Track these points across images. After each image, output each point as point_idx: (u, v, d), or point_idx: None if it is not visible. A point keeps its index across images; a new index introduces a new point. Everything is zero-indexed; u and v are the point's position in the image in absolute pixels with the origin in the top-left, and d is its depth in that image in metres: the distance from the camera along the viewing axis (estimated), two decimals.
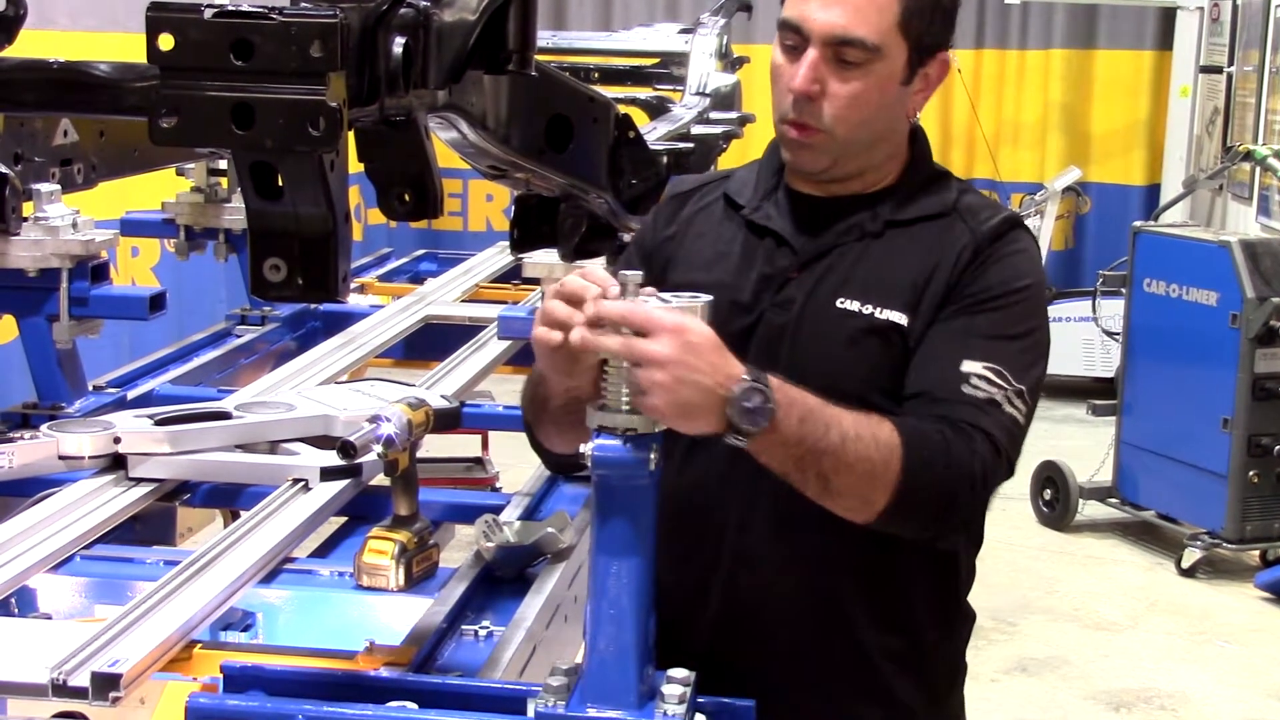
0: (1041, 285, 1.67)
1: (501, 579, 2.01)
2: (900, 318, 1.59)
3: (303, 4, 1.31)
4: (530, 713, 1.36)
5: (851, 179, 1.67)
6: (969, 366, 1.55)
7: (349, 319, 3.43)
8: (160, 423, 2.30)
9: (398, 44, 1.35)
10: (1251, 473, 5.03)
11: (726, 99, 4.52)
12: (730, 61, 4.85)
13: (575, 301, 1.40)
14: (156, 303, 2.74)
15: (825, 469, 1.46)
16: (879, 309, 1.60)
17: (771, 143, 1.73)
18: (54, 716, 1.54)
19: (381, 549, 1.97)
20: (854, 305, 1.60)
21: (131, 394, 2.82)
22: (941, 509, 1.53)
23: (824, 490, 1.48)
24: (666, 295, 1.40)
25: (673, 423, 1.37)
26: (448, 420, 2.09)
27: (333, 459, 2.08)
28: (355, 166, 1.44)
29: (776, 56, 1.62)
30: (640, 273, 1.40)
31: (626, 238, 2.26)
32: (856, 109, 1.59)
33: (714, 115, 4.24)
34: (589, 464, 1.36)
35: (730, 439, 1.41)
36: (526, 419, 1.71)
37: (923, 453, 1.49)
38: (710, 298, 1.40)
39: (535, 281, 3.67)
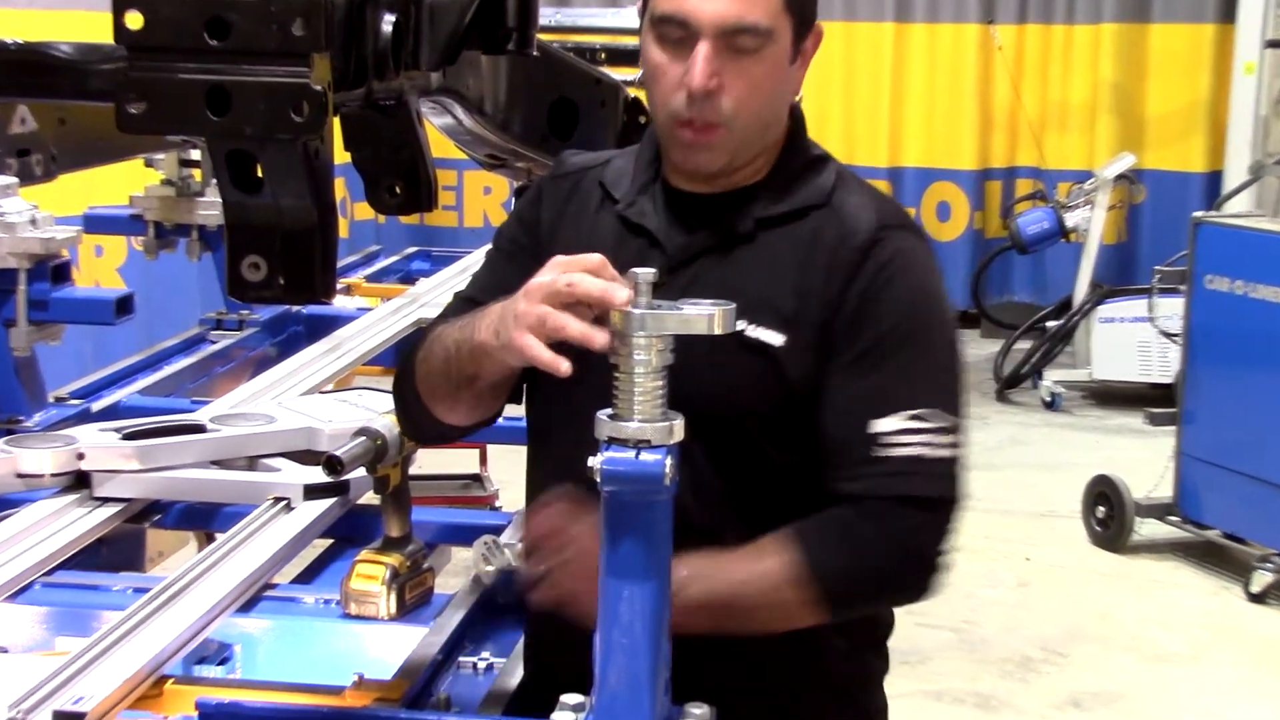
0: (936, 288, 1.67)
1: (503, 606, 2.01)
2: (773, 337, 1.60)
3: None
4: None
5: (736, 172, 1.68)
6: (881, 425, 1.57)
7: (335, 323, 3.44)
8: (128, 437, 2.30)
9: (387, 22, 1.36)
10: None
11: None
12: None
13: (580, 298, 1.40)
14: (123, 306, 2.74)
15: (738, 626, 1.54)
16: (752, 325, 1.60)
17: (649, 132, 1.74)
18: None
19: (371, 574, 1.97)
20: None
21: (96, 406, 2.83)
22: (885, 592, 1.62)
23: (750, 632, 1.57)
24: (682, 302, 1.40)
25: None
26: None
27: (317, 476, 2.09)
28: (341, 156, 1.45)
29: (654, 54, 1.61)
30: (654, 270, 1.39)
31: None
32: (756, 97, 1.61)
33: None
34: (597, 478, 1.36)
35: None
36: (417, 386, 1.67)
37: (833, 562, 1.55)
38: (733, 305, 1.39)
39: None
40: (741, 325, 1.58)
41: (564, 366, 1.40)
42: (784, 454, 1.62)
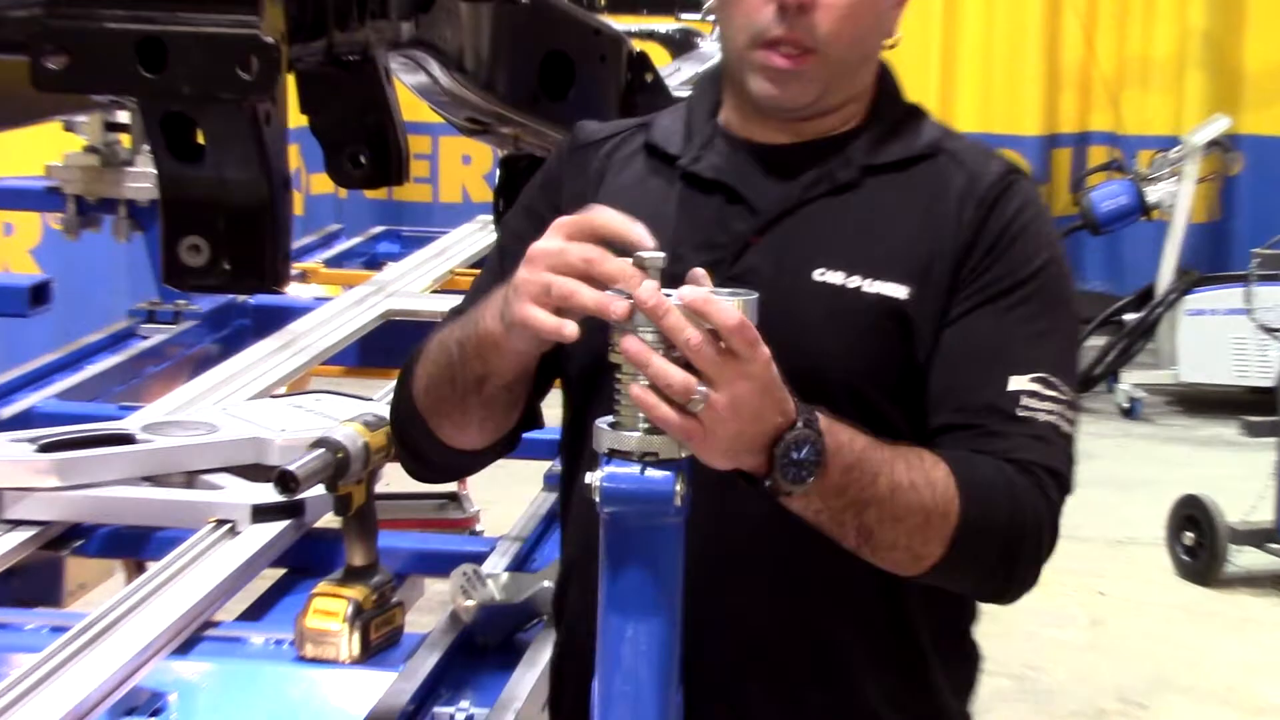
0: (1062, 248, 1.73)
1: (484, 647, 2.02)
2: (899, 290, 1.63)
3: None
4: None
5: (823, 117, 1.70)
6: (1017, 383, 1.61)
7: (288, 315, 3.44)
8: (44, 449, 2.31)
9: None
10: None
11: None
12: None
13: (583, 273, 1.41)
14: (39, 294, 2.75)
15: (869, 522, 1.52)
16: (869, 279, 1.63)
17: (701, 82, 1.76)
18: None
19: (330, 610, 1.97)
20: (836, 276, 1.63)
21: (6, 412, 2.83)
22: (1002, 566, 1.60)
23: (865, 543, 1.54)
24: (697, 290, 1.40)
25: (712, 457, 1.40)
26: None
27: (268, 494, 2.08)
28: (296, 120, 1.45)
29: None
30: (663, 254, 1.40)
31: None
32: (853, 23, 1.64)
33: None
34: (596, 497, 1.36)
35: (762, 488, 1.45)
36: (417, 405, 1.67)
37: (985, 503, 1.55)
38: (756, 295, 1.41)
39: None
40: (855, 281, 1.62)
41: (569, 329, 1.41)
42: (913, 426, 1.64)
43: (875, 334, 1.63)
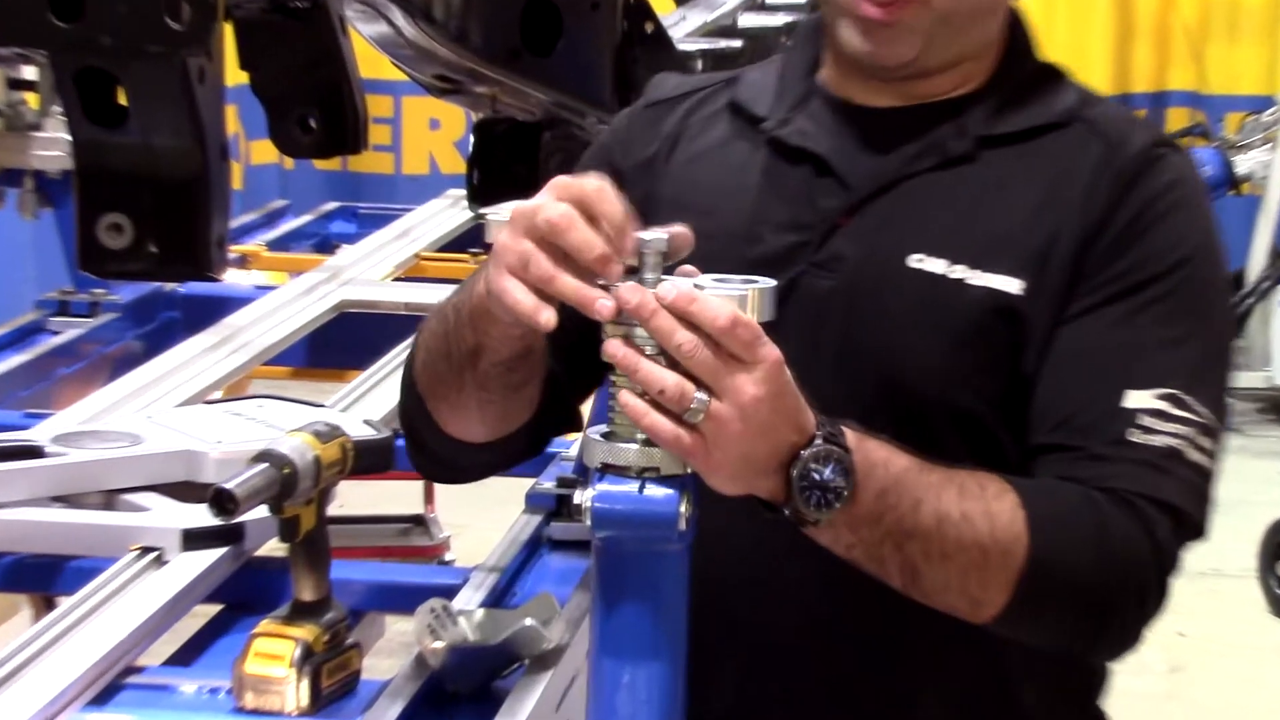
0: (1218, 240, 1.69)
1: (455, 696, 2.02)
2: (1011, 283, 1.62)
3: None
4: None
5: (932, 77, 1.69)
6: (1136, 400, 1.57)
7: (224, 306, 3.43)
8: None
9: None
10: None
11: None
12: None
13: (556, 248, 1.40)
14: None
15: (912, 558, 1.50)
16: (976, 270, 1.62)
17: (800, 30, 1.77)
18: None
19: (275, 652, 1.97)
20: (937, 265, 1.63)
21: None
22: (1089, 620, 1.57)
23: (913, 584, 1.52)
24: (705, 278, 1.41)
25: (717, 478, 1.40)
26: (375, 458, 2.10)
27: (201, 517, 2.08)
28: (236, 77, 1.45)
29: None
30: (665, 235, 1.40)
31: None
32: None
33: None
34: (586, 520, 1.37)
35: (781, 516, 1.44)
36: (416, 383, 1.70)
37: (1060, 542, 1.52)
38: (773, 284, 1.41)
39: None
40: (958, 271, 1.61)
41: (544, 317, 1.40)
42: (1021, 446, 1.62)
43: (980, 336, 1.61)
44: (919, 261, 1.62)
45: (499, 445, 1.70)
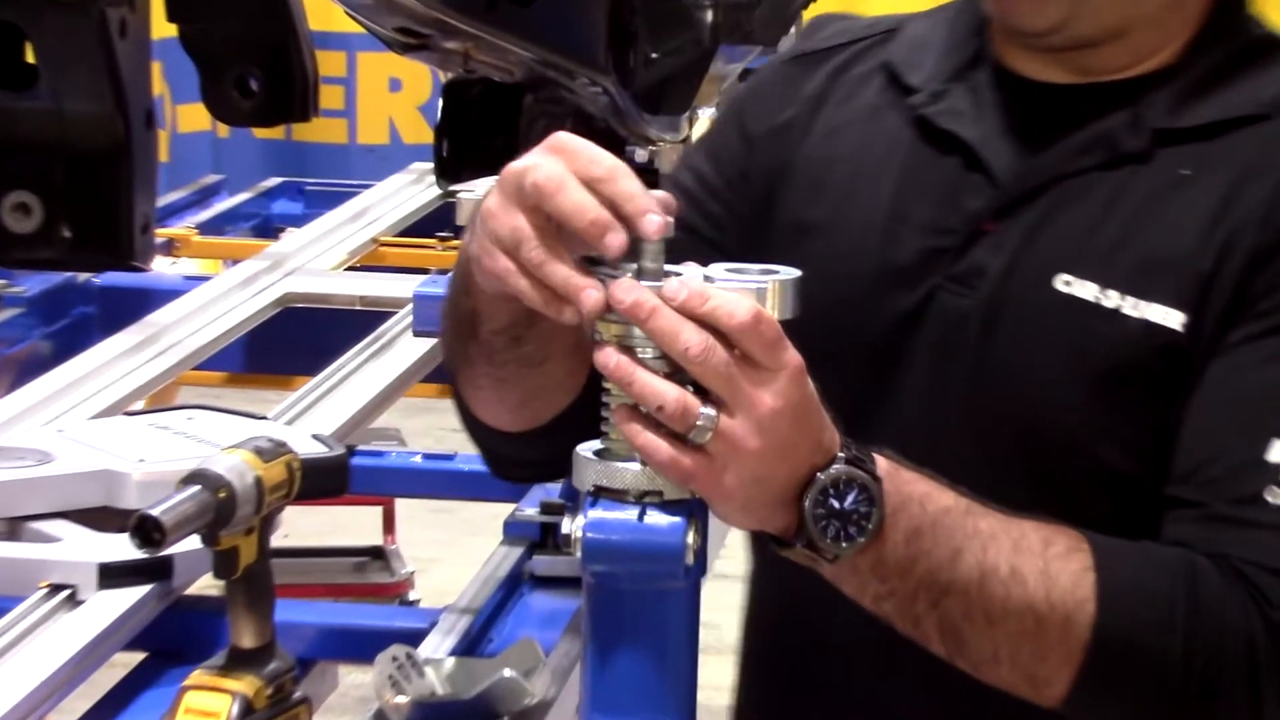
0: None
1: None
2: (1172, 316, 1.58)
3: None
4: None
5: (1101, 49, 1.66)
6: (1278, 453, 1.53)
7: (148, 300, 3.44)
8: None
9: None
10: None
11: None
12: None
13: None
14: None
15: (951, 617, 1.48)
16: (1134, 298, 1.59)
17: None
18: None
19: (208, 709, 1.97)
20: (1087, 290, 1.60)
21: None
22: (1177, 711, 1.52)
23: (957, 652, 1.51)
24: (716, 267, 1.40)
25: (727, 507, 1.40)
26: (326, 479, 2.10)
27: (122, 549, 2.07)
28: (162, 29, 1.45)
29: None
30: (670, 218, 1.38)
31: (641, 154, 2.27)
32: None
33: None
34: (576, 552, 1.36)
35: (794, 551, 1.43)
36: (448, 363, 1.70)
37: (1137, 612, 1.50)
38: (797, 274, 1.39)
39: None
40: (1113, 299, 1.58)
41: (567, 316, 1.38)
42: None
43: (1132, 378, 1.58)
44: (1066, 285, 1.59)
45: (540, 439, 1.66)
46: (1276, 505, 1.51)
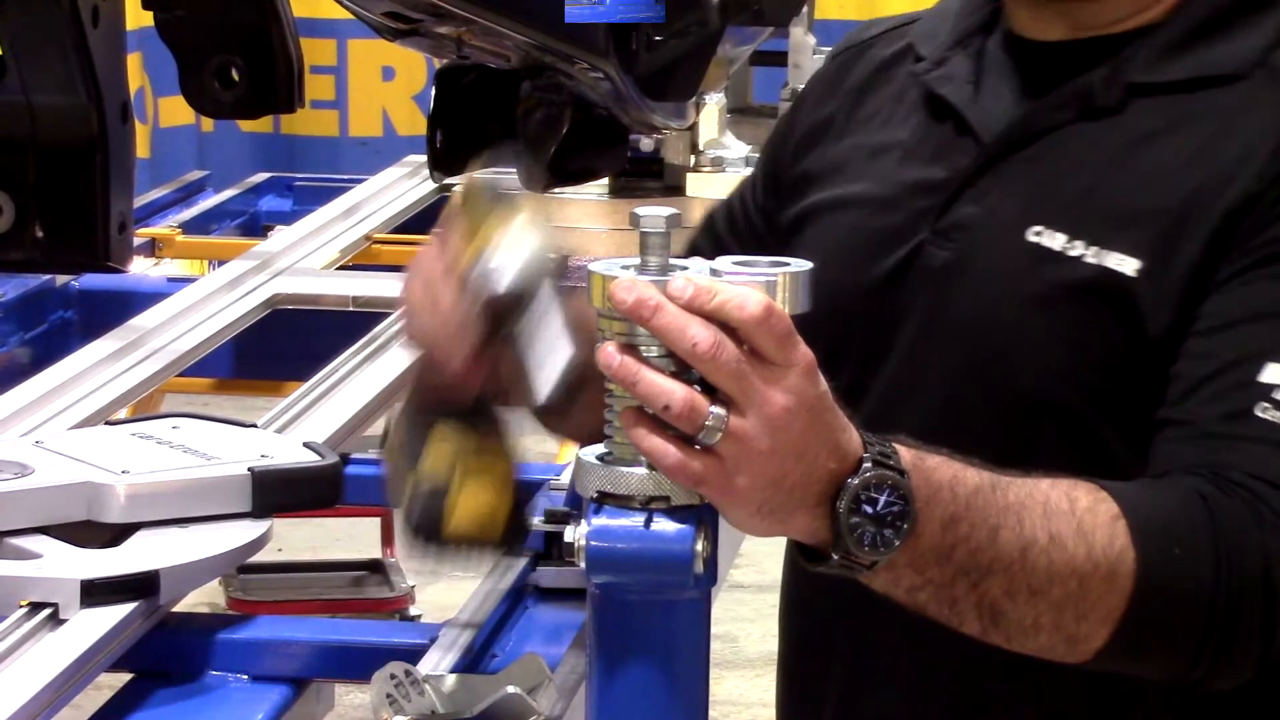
0: None
1: None
2: (1125, 262, 1.65)
3: None
4: None
5: (1092, 2, 1.72)
6: (1273, 373, 1.58)
7: (129, 304, 3.43)
8: None
9: None
10: None
11: None
12: None
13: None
14: None
15: (993, 597, 1.50)
16: (1094, 246, 1.65)
17: None
18: None
19: None
20: (1055, 239, 1.67)
21: None
22: (1209, 645, 1.56)
23: (994, 627, 1.52)
24: (724, 260, 1.41)
25: (740, 513, 1.39)
26: (318, 490, 2.09)
27: (104, 565, 2.08)
28: (139, 18, 1.43)
29: None
30: (665, 214, 1.38)
31: (645, 143, 2.26)
32: None
33: None
34: (582, 563, 1.37)
35: (830, 564, 1.43)
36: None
37: (1175, 552, 1.52)
38: (808, 266, 1.40)
39: None
40: (1077, 248, 1.64)
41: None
42: (1135, 449, 1.63)
43: (1087, 319, 1.64)
44: (1037, 235, 1.66)
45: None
46: (1268, 421, 1.56)
